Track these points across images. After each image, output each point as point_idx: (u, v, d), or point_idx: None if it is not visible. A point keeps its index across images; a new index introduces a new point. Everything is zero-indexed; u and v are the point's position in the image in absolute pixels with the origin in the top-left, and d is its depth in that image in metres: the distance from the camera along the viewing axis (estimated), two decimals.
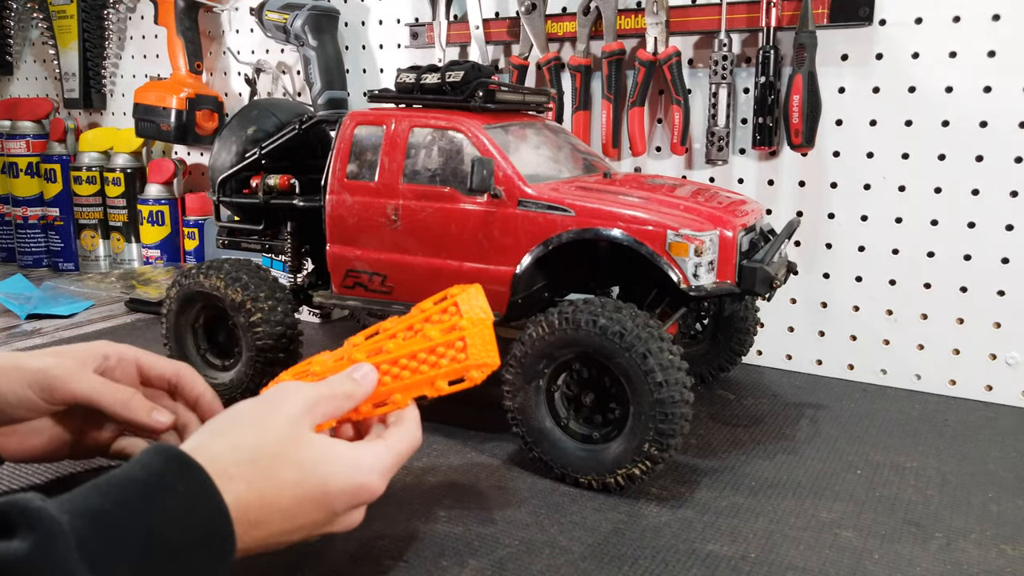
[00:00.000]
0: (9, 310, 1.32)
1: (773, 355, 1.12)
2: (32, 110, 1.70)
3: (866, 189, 1.02)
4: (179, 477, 0.43)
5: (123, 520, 0.40)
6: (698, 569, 0.62)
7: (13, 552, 0.35)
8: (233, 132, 0.98)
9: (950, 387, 1.01)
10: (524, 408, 0.75)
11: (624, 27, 1.10)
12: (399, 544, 0.64)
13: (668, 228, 0.73)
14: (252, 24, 1.49)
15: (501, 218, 0.79)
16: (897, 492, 0.75)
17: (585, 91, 1.14)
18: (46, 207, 1.67)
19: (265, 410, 0.51)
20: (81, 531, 0.38)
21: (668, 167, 1.14)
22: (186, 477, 0.43)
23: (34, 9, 1.71)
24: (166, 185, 1.58)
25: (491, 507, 0.71)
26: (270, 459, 0.48)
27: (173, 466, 0.44)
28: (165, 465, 0.43)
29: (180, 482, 0.43)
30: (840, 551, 0.65)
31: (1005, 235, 0.95)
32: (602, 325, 0.70)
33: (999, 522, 0.70)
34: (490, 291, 0.80)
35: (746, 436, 0.88)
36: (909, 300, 1.02)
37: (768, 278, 0.76)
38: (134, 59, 1.69)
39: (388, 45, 1.35)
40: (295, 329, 0.91)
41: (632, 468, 0.71)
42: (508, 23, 1.20)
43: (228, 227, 1.01)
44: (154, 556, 0.40)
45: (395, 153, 0.83)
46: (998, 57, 0.92)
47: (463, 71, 0.84)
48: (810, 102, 0.98)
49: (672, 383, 0.68)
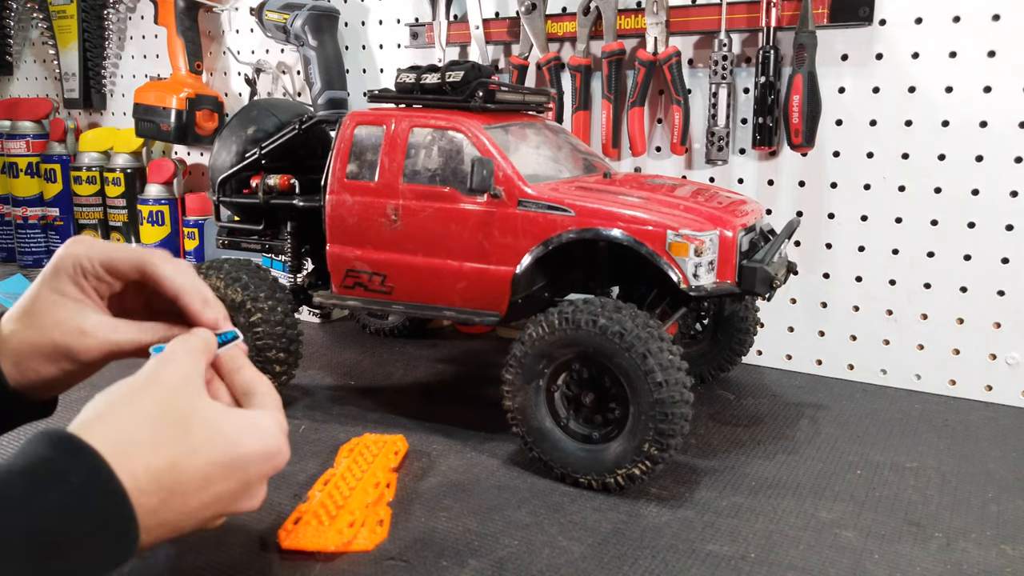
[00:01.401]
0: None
1: (773, 355, 1.12)
2: (32, 110, 1.70)
3: (866, 189, 1.02)
4: (70, 463, 0.39)
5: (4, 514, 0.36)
6: (698, 569, 0.62)
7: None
8: (233, 132, 0.98)
9: (950, 387, 1.01)
10: (524, 408, 0.75)
11: (624, 27, 1.10)
12: (399, 544, 0.64)
13: (668, 228, 0.73)
14: (252, 24, 1.49)
15: (501, 218, 0.79)
16: (897, 492, 0.75)
17: (585, 91, 1.14)
18: (46, 207, 1.67)
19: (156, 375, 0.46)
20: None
21: (668, 167, 1.14)
22: (77, 462, 0.39)
23: (34, 9, 1.71)
24: (166, 185, 1.58)
25: (491, 507, 0.71)
26: (178, 420, 0.43)
27: (62, 451, 0.39)
28: (53, 451, 0.39)
29: (71, 469, 0.38)
30: (840, 551, 0.65)
31: (1005, 235, 0.95)
32: (602, 325, 0.70)
33: (999, 522, 0.70)
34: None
35: (746, 436, 0.88)
36: (909, 300, 1.02)
37: (768, 278, 0.76)
38: (134, 59, 1.69)
39: (388, 45, 1.35)
40: (295, 329, 0.91)
41: (632, 468, 0.71)
42: (508, 23, 1.20)
43: (228, 227, 1.01)
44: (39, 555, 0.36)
45: (395, 153, 0.83)
46: (998, 57, 0.92)
47: (463, 71, 0.84)
48: (810, 102, 0.98)
49: (672, 383, 0.68)
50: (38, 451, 0.39)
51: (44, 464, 0.38)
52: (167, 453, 0.42)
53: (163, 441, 0.42)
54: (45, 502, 0.37)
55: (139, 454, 0.41)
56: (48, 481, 0.38)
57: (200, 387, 0.47)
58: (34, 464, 0.38)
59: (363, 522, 0.65)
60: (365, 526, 0.65)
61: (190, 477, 0.42)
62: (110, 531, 0.39)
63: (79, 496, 0.38)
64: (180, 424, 0.43)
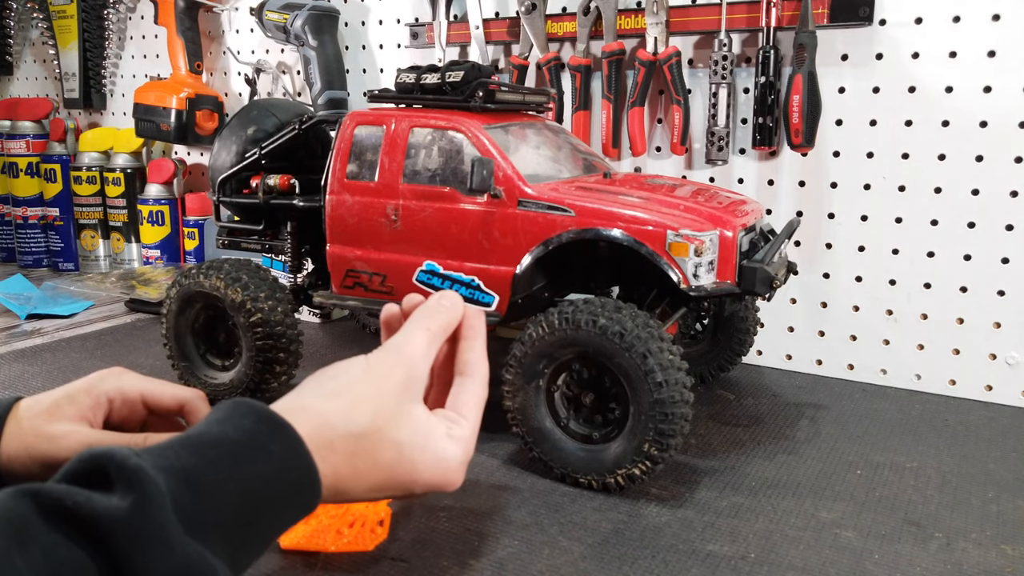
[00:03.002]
0: (9, 310, 1.32)
1: (773, 355, 1.12)
2: (32, 110, 1.70)
3: (866, 189, 1.02)
4: (271, 437, 0.42)
5: (218, 482, 0.39)
6: (698, 569, 0.62)
7: (114, 510, 0.35)
8: (233, 132, 0.98)
9: (950, 387, 1.01)
10: (524, 408, 0.75)
11: (624, 27, 1.10)
12: (399, 544, 0.64)
13: (668, 228, 0.73)
14: (252, 24, 1.49)
15: (501, 218, 0.79)
16: (897, 492, 0.75)
17: (585, 91, 1.14)
18: (46, 207, 1.67)
19: (376, 380, 0.49)
20: (176, 492, 0.37)
21: (668, 167, 1.14)
22: (278, 438, 0.43)
23: (34, 9, 1.71)
24: (166, 185, 1.58)
25: (491, 507, 0.71)
26: (375, 436, 0.47)
27: (265, 426, 0.43)
28: (257, 425, 0.43)
29: (273, 443, 0.42)
30: (840, 551, 0.65)
31: (1005, 235, 0.95)
32: (602, 325, 0.70)
33: (999, 522, 0.70)
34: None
35: (746, 436, 0.88)
36: (909, 300, 1.02)
37: (768, 278, 0.76)
38: (134, 59, 1.69)
39: (388, 45, 1.35)
40: (295, 329, 0.91)
41: (632, 468, 0.71)
42: (508, 23, 1.20)
43: (228, 227, 1.01)
44: (246, 518, 0.40)
45: (395, 153, 0.83)
46: (998, 57, 0.92)
47: (463, 71, 0.84)
48: (810, 102, 0.98)
49: (672, 383, 0.68)
50: (244, 423, 0.42)
51: (251, 435, 0.42)
52: (356, 463, 0.46)
53: (359, 453, 0.46)
54: (255, 469, 0.41)
55: (333, 460, 0.45)
56: (255, 450, 0.41)
57: (416, 392, 0.50)
58: (242, 434, 0.42)
59: (363, 522, 0.65)
60: (365, 526, 0.65)
61: (365, 487, 0.47)
62: (299, 502, 0.43)
63: (281, 468, 0.42)
64: (380, 438, 0.47)
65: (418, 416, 0.50)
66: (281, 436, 0.43)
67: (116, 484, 0.37)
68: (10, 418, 0.59)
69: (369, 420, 0.47)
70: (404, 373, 0.50)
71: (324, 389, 0.48)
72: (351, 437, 0.46)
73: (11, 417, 0.59)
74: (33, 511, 0.35)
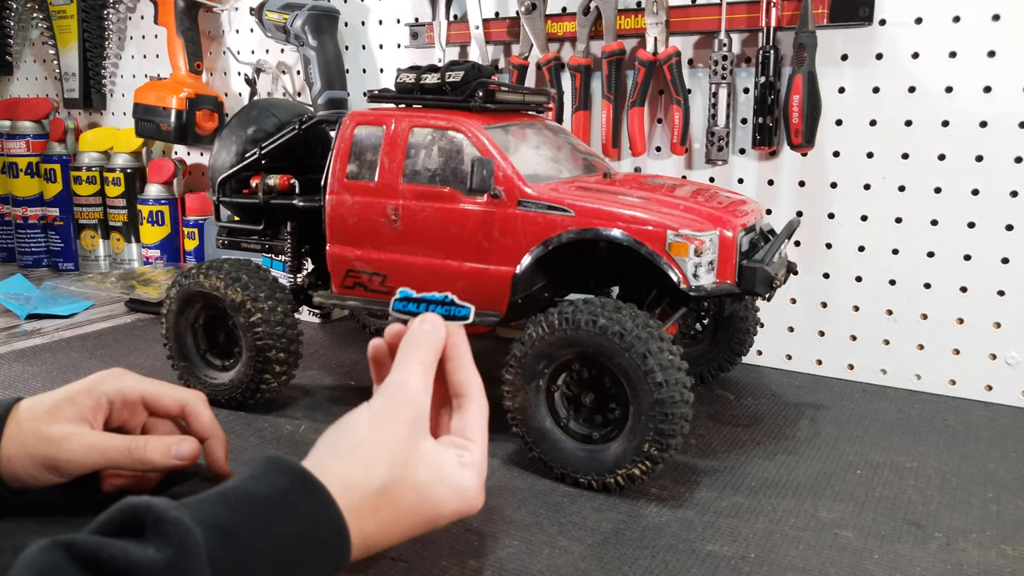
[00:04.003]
0: (9, 310, 1.32)
1: (773, 355, 1.12)
2: (32, 110, 1.70)
3: (866, 189, 1.02)
4: (304, 496, 0.44)
5: (252, 538, 0.40)
6: (698, 569, 0.62)
7: (150, 562, 0.36)
8: (233, 132, 0.98)
9: (950, 387, 1.01)
10: (524, 408, 0.75)
11: (624, 27, 1.10)
12: (399, 544, 0.64)
13: (668, 228, 0.73)
14: (252, 24, 1.49)
15: (501, 218, 0.79)
16: (897, 492, 0.75)
17: (585, 91, 1.14)
18: (46, 207, 1.67)
19: (384, 429, 0.50)
20: (211, 546, 0.38)
21: (668, 167, 1.14)
22: (310, 497, 0.44)
23: (34, 9, 1.71)
24: (166, 185, 1.58)
25: (491, 507, 0.71)
26: (394, 486, 0.48)
27: (299, 484, 0.44)
28: (291, 483, 0.44)
29: (304, 501, 0.43)
30: (840, 551, 0.65)
31: (1005, 235, 0.95)
32: (602, 325, 0.70)
33: (999, 522, 0.70)
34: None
35: (746, 436, 0.88)
36: (909, 300, 1.02)
37: (768, 278, 0.76)
38: (134, 59, 1.69)
39: (388, 45, 1.35)
40: (295, 329, 0.91)
41: (632, 468, 0.71)
42: (508, 23, 1.20)
43: (228, 227, 1.01)
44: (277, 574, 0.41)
45: (395, 153, 0.83)
46: (998, 57, 0.92)
47: (463, 71, 0.84)
48: (810, 102, 0.98)
49: (672, 383, 0.68)
50: (278, 481, 0.44)
51: (284, 493, 0.43)
52: (381, 517, 0.47)
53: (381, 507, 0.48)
54: (287, 526, 0.42)
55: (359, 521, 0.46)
56: (288, 507, 0.43)
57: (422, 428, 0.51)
58: (275, 492, 0.43)
59: None
60: None
61: (393, 538, 0.49)
62: (329, 557, 0.44)
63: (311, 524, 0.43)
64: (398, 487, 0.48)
65: (428, 451, 0.50)
66: (314, 495, 0.44)
67: (153, 535, 0.37)
68: (10, 419, 0.58)
69: (387, 471, 0.48)
70: (409, 413, 0.51)
71: (338, 449, 0.49)
72: (372, 494, 0.47)
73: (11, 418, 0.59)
74: (68, 563, 0.35)
